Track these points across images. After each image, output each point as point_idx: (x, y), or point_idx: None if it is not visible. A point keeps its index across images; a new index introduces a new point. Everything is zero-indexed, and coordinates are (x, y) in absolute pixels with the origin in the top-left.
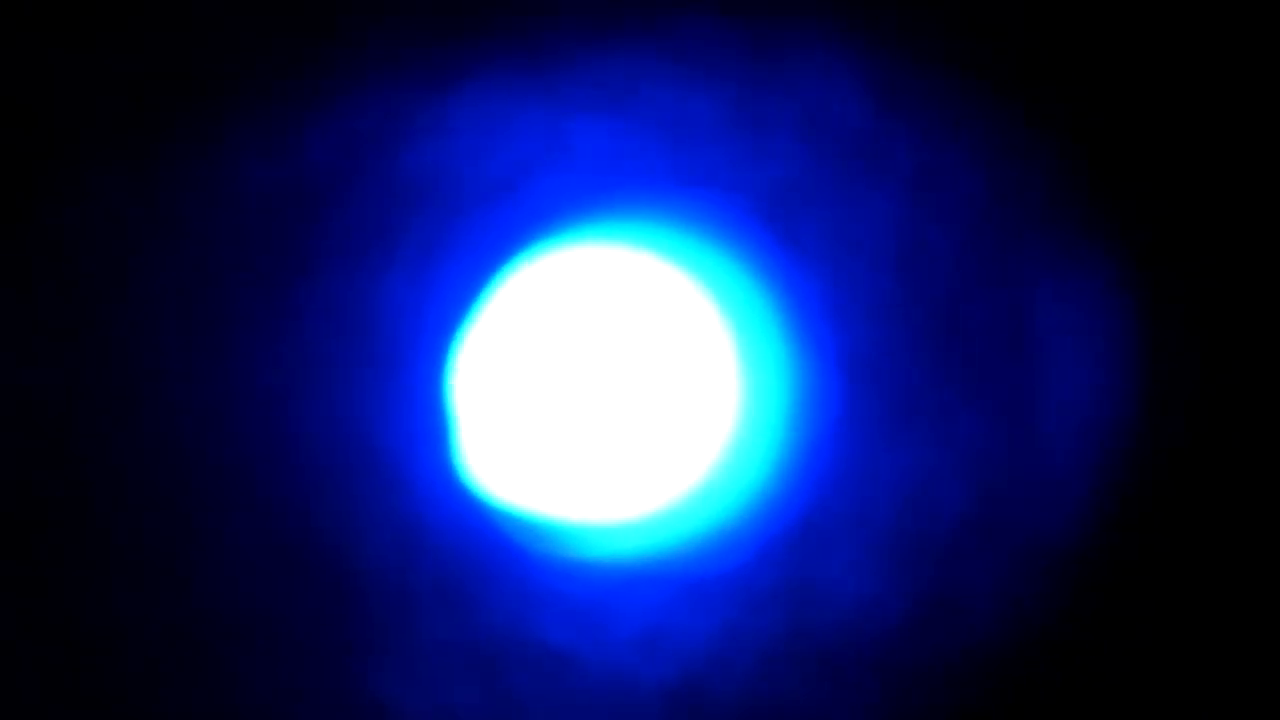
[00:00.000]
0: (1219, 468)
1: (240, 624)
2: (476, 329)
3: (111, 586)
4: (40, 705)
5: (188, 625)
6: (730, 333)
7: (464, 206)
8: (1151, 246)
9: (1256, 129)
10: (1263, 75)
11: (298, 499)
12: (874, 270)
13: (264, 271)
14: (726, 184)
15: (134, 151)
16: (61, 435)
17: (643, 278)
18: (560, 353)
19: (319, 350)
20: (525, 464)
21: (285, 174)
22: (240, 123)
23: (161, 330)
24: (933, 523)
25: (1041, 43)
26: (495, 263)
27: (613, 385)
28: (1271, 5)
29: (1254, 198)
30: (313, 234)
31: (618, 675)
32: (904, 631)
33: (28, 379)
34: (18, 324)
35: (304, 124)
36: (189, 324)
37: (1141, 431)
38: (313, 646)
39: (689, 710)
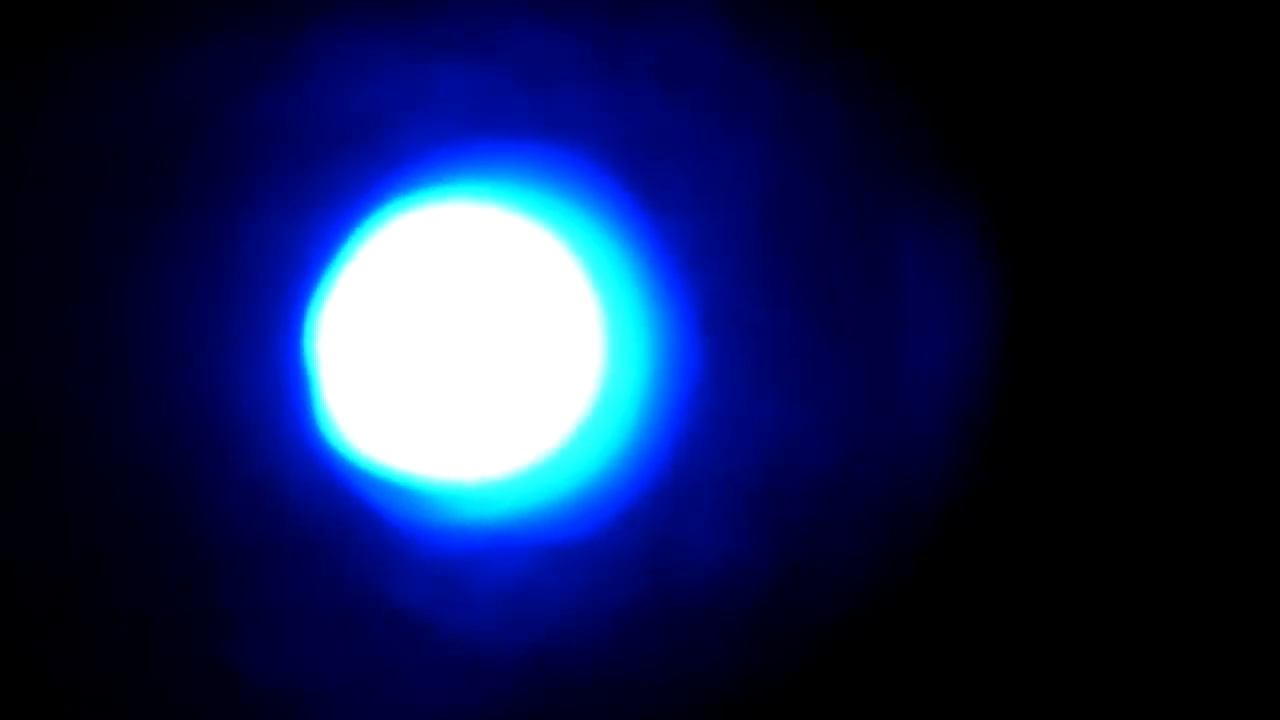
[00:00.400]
0: (1077, 427)
1: (87, 586)
2: (337, 282)
3: None
4: None
5: (31, 587)
6: (592, 287)
7: (322, 152)
8: (1016, 205)
9: (1125, 88)
10: (1132, 30)
11: (147, 455)
12: (736, 222)
13: (116, 220)
14: (585, 131)
15: None
16: None
17: (504, 230)
18: (421, 308)
19: (172, 303)
20: (385, 422)
21: (136, 121)
22: (93, 67)
23: (10, 278)
24: (795, 482)
25: None
26: (355, 211)
27: (474, 342)
28: None
29: (1121, 156)
30: (168, 182)
31: (475, 639)
32: (764, 594)
33: None
34: None
35: (158, 68)
36: (39, 272)
37: (1001, 392)
38: (164, 609)
39: (547, 673)
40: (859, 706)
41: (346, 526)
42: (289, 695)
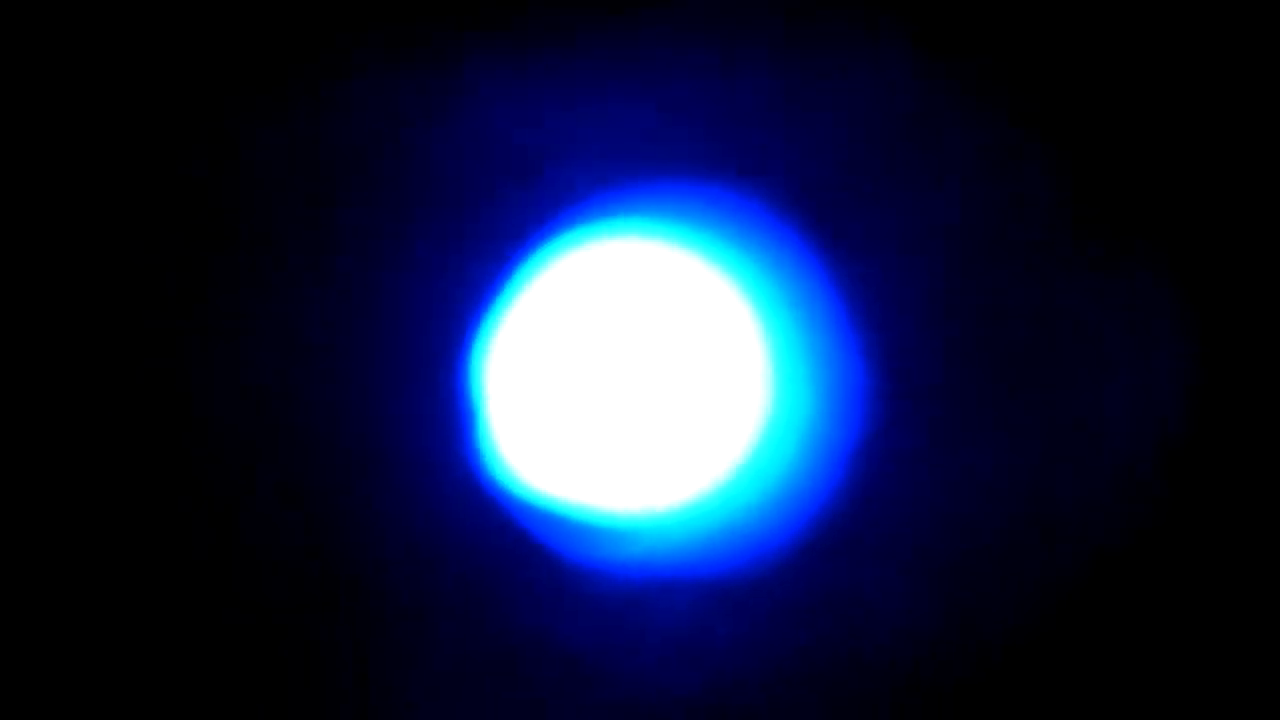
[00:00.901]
0: (1253, 484)
1: (258, 626)
2: (505, 317)
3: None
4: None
5: (200, 627)
6: (762, 324)
7: (492, 186)
8: (1199, 254)
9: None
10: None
11: (316, 493)
12: (914, 266)
13: (292, 252)
14: (760, 172)
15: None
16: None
17: (674, 268)
18: (589, 343)
19: (343, 334)
20: (553, 458)
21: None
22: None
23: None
24: (968, 533)
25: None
26: (524, 246)
27: (642, 377)
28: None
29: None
30: (339, 217)
31: (642, 681)
32: (926, 649)
33: None
34: None
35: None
36: (218, 298)
37: (1185, 444)
38: (332, 649)
39: (714, 717)
40: None
41: (514, 563)
42: None
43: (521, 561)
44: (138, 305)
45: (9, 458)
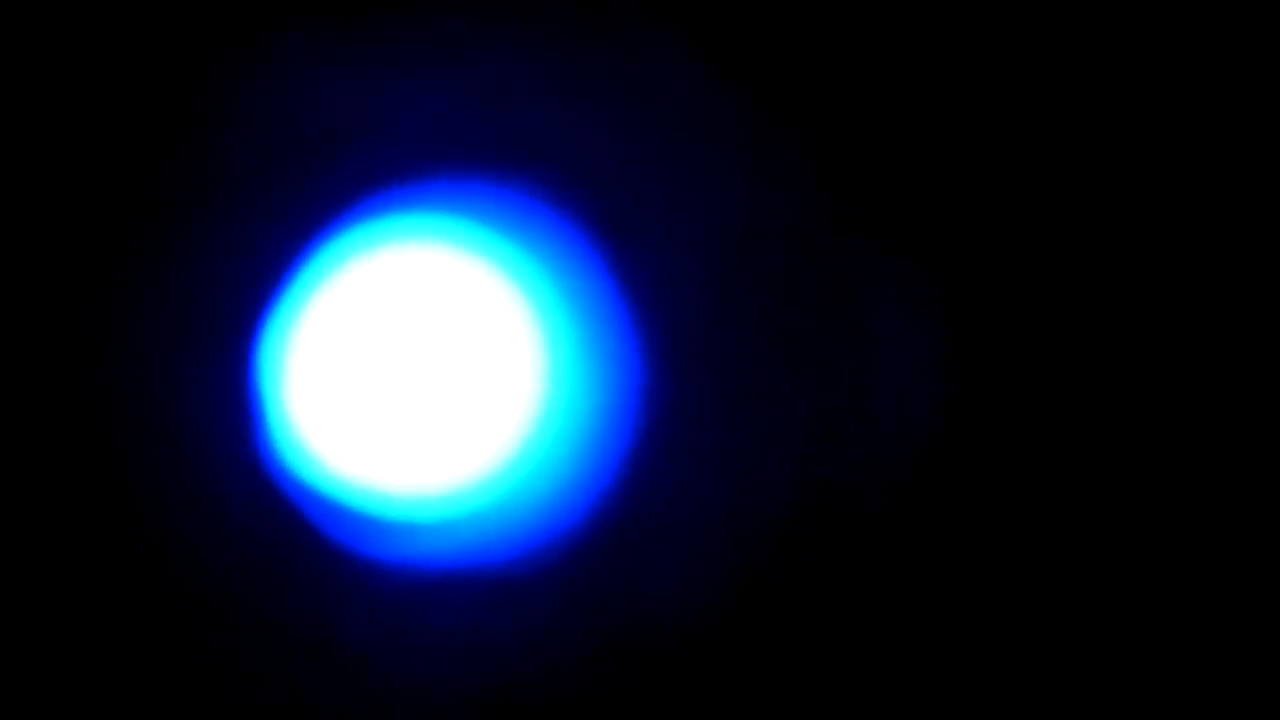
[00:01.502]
0: (1009, 469)
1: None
2: (291, 310)
3: None
4: None
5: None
6: (542, 313)
7: (284, 164)
8: (967, 238)
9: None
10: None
11: (101, 459)
12: (687, 261)
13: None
14: (538, 165)
15: None
16: None
17: (454, 256)
18: (371, 337)
19: (130, 325)
20: (337, 450)
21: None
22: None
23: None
24: (736, 527)
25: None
26: (311, 238)
27: (424, 370)
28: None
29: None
30: (143, 183)
31: (425, 675)
32: (722, 626)
33: None
34: None
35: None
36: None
37: (951, 415)
38: (122, 642)
39: (497, 713)
40: None
41: (300, 557)
42: None
43: (308, 555)
44: None
45: None
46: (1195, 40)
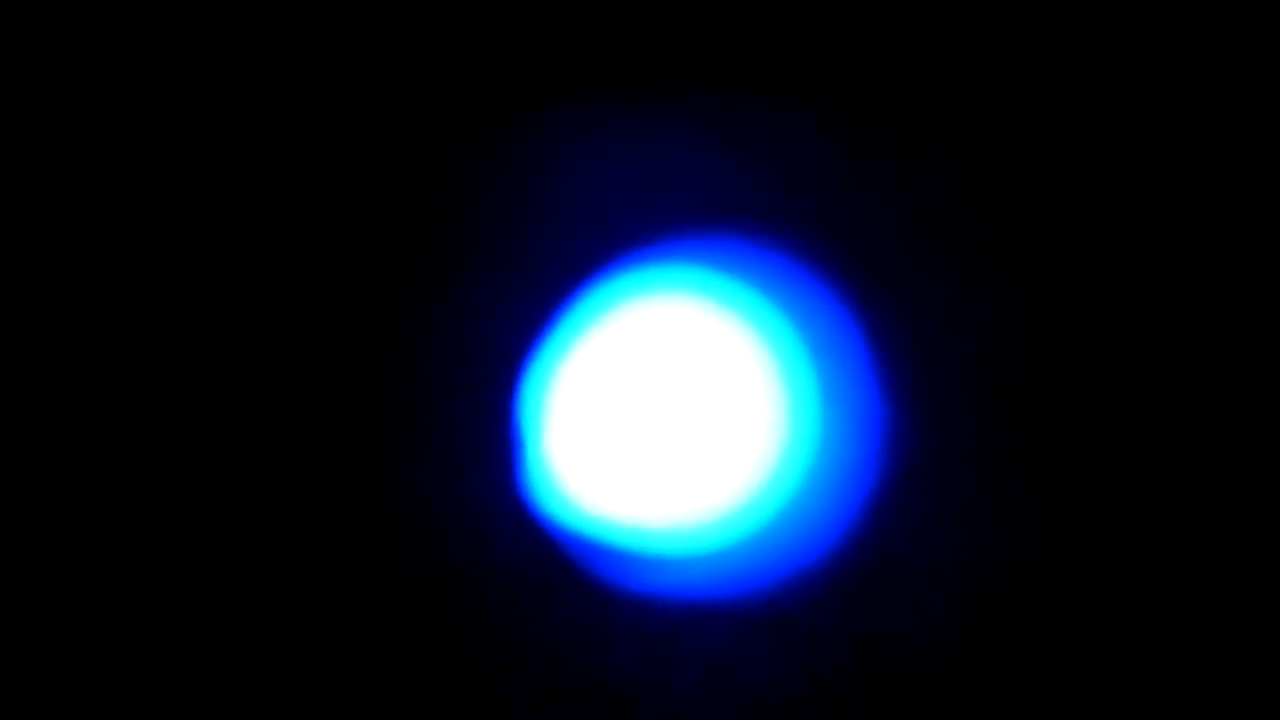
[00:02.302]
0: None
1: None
2: (550, 357)
3: None
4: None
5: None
6: (777, 354)
7: (540, 228)
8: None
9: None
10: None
11: (369, 516)
12: (921, 279)
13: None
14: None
15: None
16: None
17: (689, 304)
18: (621, 380)
19: (404, 364)
20: (589, 487)
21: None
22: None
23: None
24: (982, 563)
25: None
26: (569, 290)
27: (670, 411)
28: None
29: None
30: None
31: (678, 710)
32: (953, 672)
33: None
34: None
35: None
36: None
37: None
38: (373, 671)
39: None
40: None
41: (557, 591)
42: None
43: (566, 589)
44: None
45: None
46: (1190, 40)
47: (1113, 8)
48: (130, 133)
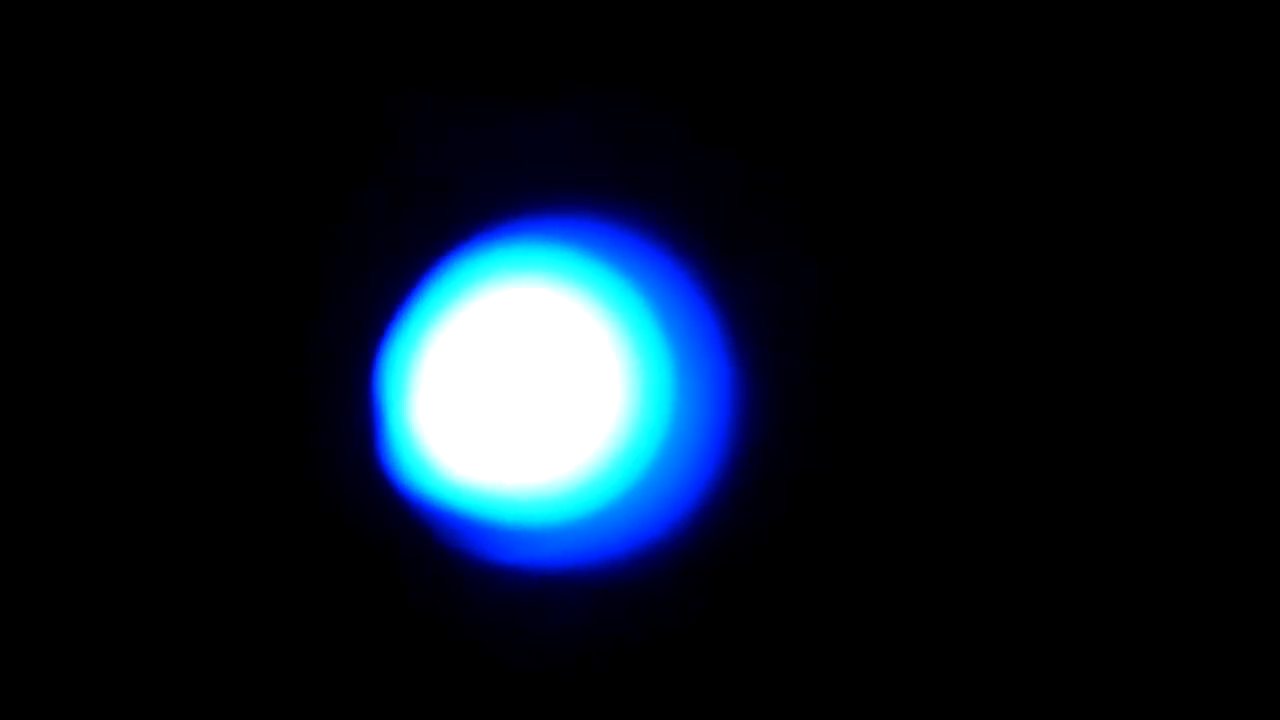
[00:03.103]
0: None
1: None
2: (411, 327)
3: None
4: None
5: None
6: (633, 335)
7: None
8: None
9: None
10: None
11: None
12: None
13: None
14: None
15: None
16: None
17: (558, 285)
18: (481, 355)
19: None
20: (446, 457)
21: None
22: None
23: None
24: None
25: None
26: (433, 261)
27: (527, 385)
28: None
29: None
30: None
31: (531, 677)
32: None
33: None
34: None
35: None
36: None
37: None
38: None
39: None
40: None
41: (415, 555)
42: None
43: (426, 558)
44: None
45: None
46: (1167, 43)
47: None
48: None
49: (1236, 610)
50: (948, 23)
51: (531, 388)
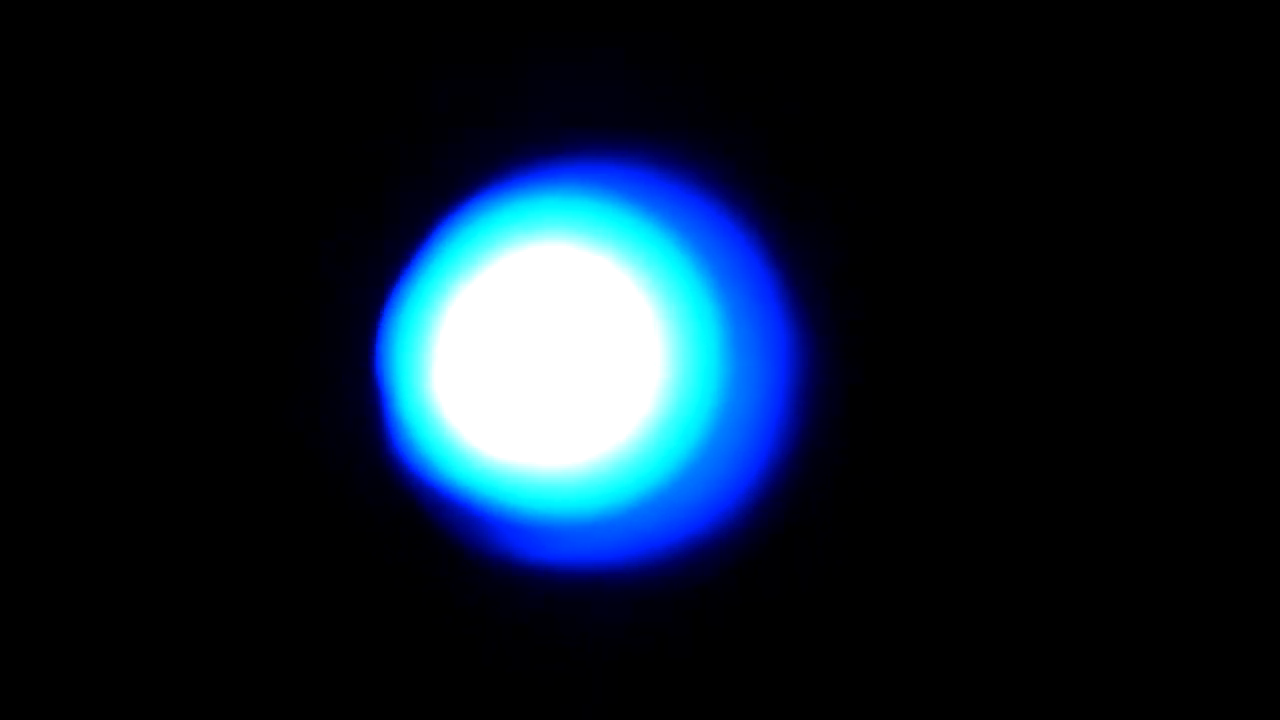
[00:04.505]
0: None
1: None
2: (422, 296)
3: None
4: None
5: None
6: (676, 309)
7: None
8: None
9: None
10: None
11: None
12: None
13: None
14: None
15: None
16: None
17: (572, 238)
18: (504, 325)
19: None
20: (466, 442)
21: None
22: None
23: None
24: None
25: None
26: (443, 224)
27: (558, 363)
28: None
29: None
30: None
31: (554, 676)
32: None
33: None
34: None
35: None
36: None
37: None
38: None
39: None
40: None
41: (431, 548)
42: None
43: (443, 551)
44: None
45: None
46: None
47: None
48: None
49: (1236, 610)
50: None
51: (560, 362)
